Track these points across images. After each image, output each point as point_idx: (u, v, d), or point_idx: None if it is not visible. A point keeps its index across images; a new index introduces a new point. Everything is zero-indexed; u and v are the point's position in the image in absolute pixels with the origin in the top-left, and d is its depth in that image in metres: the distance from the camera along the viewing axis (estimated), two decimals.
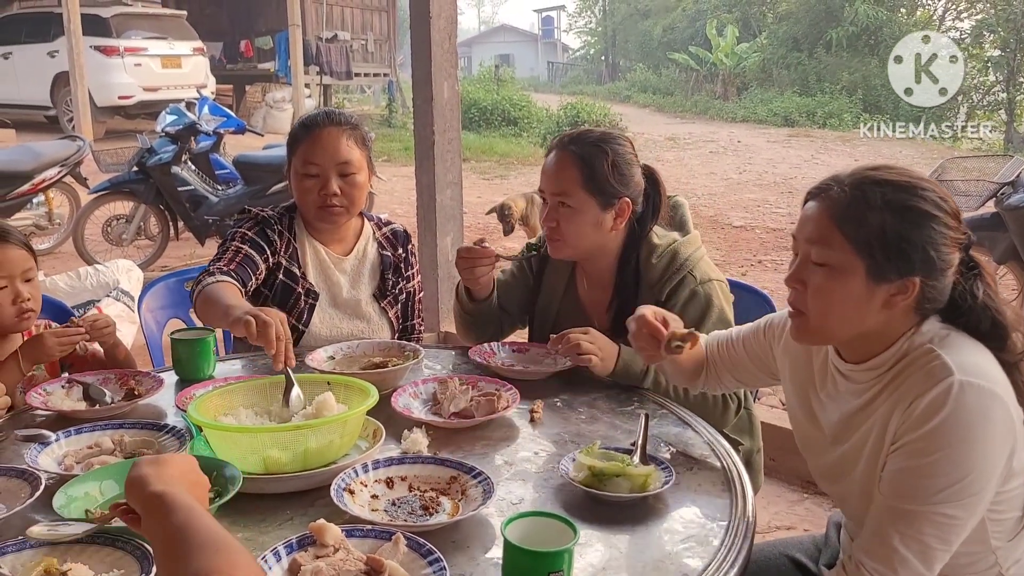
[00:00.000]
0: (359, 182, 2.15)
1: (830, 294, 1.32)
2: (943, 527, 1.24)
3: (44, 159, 6.49)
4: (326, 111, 2.21)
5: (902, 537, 1.25)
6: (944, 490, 1.22)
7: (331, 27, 17.80)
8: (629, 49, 33.78)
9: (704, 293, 1.92)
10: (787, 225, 8.57)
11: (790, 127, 18.20)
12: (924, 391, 1.25)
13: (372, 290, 2.27)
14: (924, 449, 1.24)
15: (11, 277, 1.92)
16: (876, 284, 1.29)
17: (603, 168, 1.92)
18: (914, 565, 1.25)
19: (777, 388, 4.15)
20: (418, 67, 4.23)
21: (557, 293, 2.16)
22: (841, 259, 1.29)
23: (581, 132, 2.00)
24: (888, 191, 1.28)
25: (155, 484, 0.96)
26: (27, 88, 13.59)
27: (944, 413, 1.22)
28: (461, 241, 4.58)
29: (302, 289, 2.17)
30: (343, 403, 1.53)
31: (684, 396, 1.87)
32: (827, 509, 3.07)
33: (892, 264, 1.27)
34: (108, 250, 6.59)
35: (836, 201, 1.31)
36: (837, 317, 1.33)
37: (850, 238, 1.28)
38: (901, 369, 1.32)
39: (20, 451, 1.50)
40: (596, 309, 2.09)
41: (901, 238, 1.26)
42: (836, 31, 20.91)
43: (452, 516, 1.29)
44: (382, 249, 2.31)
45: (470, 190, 8.90)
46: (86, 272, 4.29)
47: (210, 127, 6.91)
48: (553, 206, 1.98)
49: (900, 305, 1.30)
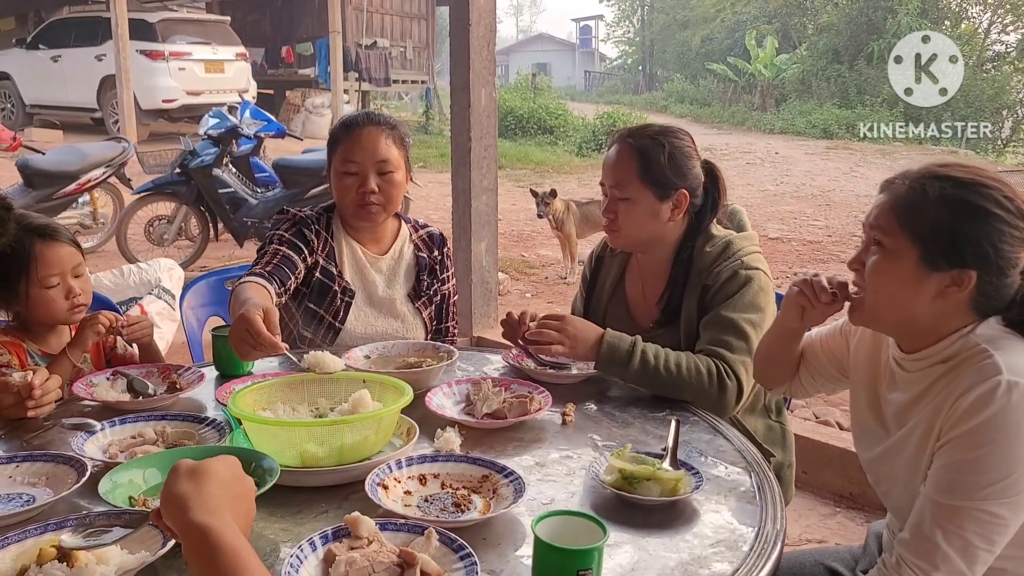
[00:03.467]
0: (397, 181, 2.19)
1: (883, 275, 1.38)
2: (986, 525, 1.24)
3: (90, 160, 6.66)
4: (366, 112, 2.26)
5: (944, 533, 1.26)
6: (988, 487, 1.24)
7: (371, 34, 17.99)
8: (667, 59, 33.69)
9: (746, 275, 1.93)
10: (824, 238, 8.48)
11: (828, 139, 18.01)
12: (970, 387, 1.27)
13: (407, 290, 2.31)
14: (968, 444, 1.26)
15: (63, 274, 1.99)
16: (928, 272, 1.33)
17: (660, 159, 1.96)
18: (956, 562, 1.26)
19: (811, 400, 4.11)
20: (456, 74, 4.27)
21: (607, 293, 2.19)
22: (895, 244, 1.35)
23: (641, 126, 2.05)
24: (947, 186, 1.33)
25: (197, 511, 0.93)
26: (75, 90, 13.92)
27: (990, 411, 1.24)
28: (495, 247, 4.62)
29: (338, 287, 2.21)
30: (378, 401, 1.56)
31: (676, 372, 1.81)
32: (860, 523, 3.04)
33: (944, 255, 1.31)
34: (150, 250, 6.72)
35: (898, 193, 1.37)
36: (888, 298, 1.38)
37: (905, 226, 1.34)
38: (954, 366, 1.34)
39: (67, 439, 1.55)
40: (643, 303, 2.11)
41: (954, 231, 1.30)
42: (878, 43, 20.66)
43: (484, 513, 1.31)
44: (418, 251, 2.35)
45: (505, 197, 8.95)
46: (129, 270, 4.38)
47: (251, 131, 7.02)
48: (612, 198, 2.02)
49: (954, 297, 1.34)
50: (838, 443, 3.28)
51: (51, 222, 2.07)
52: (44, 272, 1.96)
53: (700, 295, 1.96)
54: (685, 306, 1.99)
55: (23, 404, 1.63)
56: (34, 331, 2.03)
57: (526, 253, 7.94)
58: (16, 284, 1.95)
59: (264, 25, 19.03)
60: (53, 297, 1.97)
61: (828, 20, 23.56)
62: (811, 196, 11.08)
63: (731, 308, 1.89)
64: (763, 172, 13.33)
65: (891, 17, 20.53)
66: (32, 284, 1.95)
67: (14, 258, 1.95)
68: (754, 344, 1.87)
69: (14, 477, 1.42)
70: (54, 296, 1.97)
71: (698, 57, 29.08)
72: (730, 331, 1.87)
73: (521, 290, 6.58)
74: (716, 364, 1.83)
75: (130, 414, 1.67)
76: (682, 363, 1.83)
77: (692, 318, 1.98)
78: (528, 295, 6.39)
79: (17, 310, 2.01)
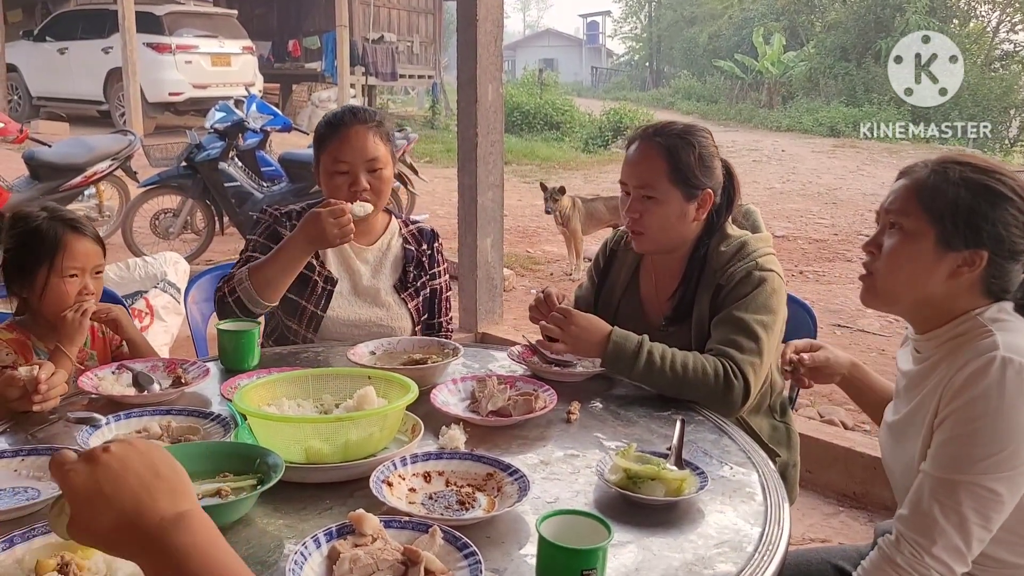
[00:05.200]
0: (386, 176, 2.24)
1: (899, 255, 1.42)
2: (982, 500, 1.27)
3: (96, 152, 6.66)
4: (350, 108, 2.28)
5: (941, 507, 1.29)
6: (983, 460, 1.27)
7: (378, 28, 17.97)
8: (674, 56, 33.62)
9: (759, 276, 1.92)
10: (830, 236, 8.46)
11: (835, 137, 17.95)
12: (967, 363, 1.31)
13: (393, 281, 2.34)
14: (963, 418, 1.29)
15: (84, 269, 2.01)
16: (944, 251, 1.37)
17: (689, 160, 1.94)
18: (951, 537, 1.28)
19: (816, 399, 4.11)
20: (463, 69, 4.27)
21: (619, 288, 2.17)
22: (914, 225, 1.40)
23: (664, 124, 2.02)
24: (967, 170, 1.38)
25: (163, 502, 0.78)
26: (81, 83, 13.93)
27: (983, 385, 1.28)
28: (501, 243, 4.61)
29: (318, 277, 2.25)
30: (383, 397, 1.56)
31: (682, 373, 1.80)
32: (864, 523, 3.03)
33: (960, 234, 1.36)
34: (155, 243, 6.73)
35: (919, 176, 1.42)
36: (903, 278, 1.42)
37: (925, 207, 1.39)
38: (959, 344, 1.38)
39: (72, 433, 1.56)
40: (656, 300, 2.10)
41: (972, 211, 1.35)
42: (886, 41, 20.59)
43: (488, 512, 1.30)
44: (406, 244, 2.39)
45: (511, 193, 8.95)
46: (135, 263, 4.38)
47: (257, 125, 7.03)
48: (636, 198, 1.97)
49: (966, 277, 1.38)
50: (842, 443, 3.27)
51: (77, 216, 2.09)
52: (68, 263, 1.98)
53: (713, 294, 1.95)
54: (697, 305, 1.98)
55: (29, 398, 1.64)
56: (41, 326, 2.04)
57: (531, 249, 7.93)
58: (36, 270, 1.97)
59: (271, 19, 19.03)
60: (68, 290, 1.98)
61: (836, 18, 23.48)
62: (817, 194, 11.05)
63: (743, 308, 1.88)
64: (770, 170, 13.30)
65: (899, 15, 20.47)
66: (53, 272, 1.97)
67: (41, 244, 1.97)
68: (764, 345, 1.86)
69: (19, 471, 1.43)
70: (69, 289, 1.98)
71: (705, 54, 29.01)
72: (741, 332, 1.86)
73: (527, 286, 6.58)
74: (724, 364, 1.82)
75: (135, 408, 1.67)
76: (689, 363, 1.82)
77: (704, 317, 1.97)
78: (533, 291, 6.39)
79: (26, 297, 2.02)
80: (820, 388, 4.34)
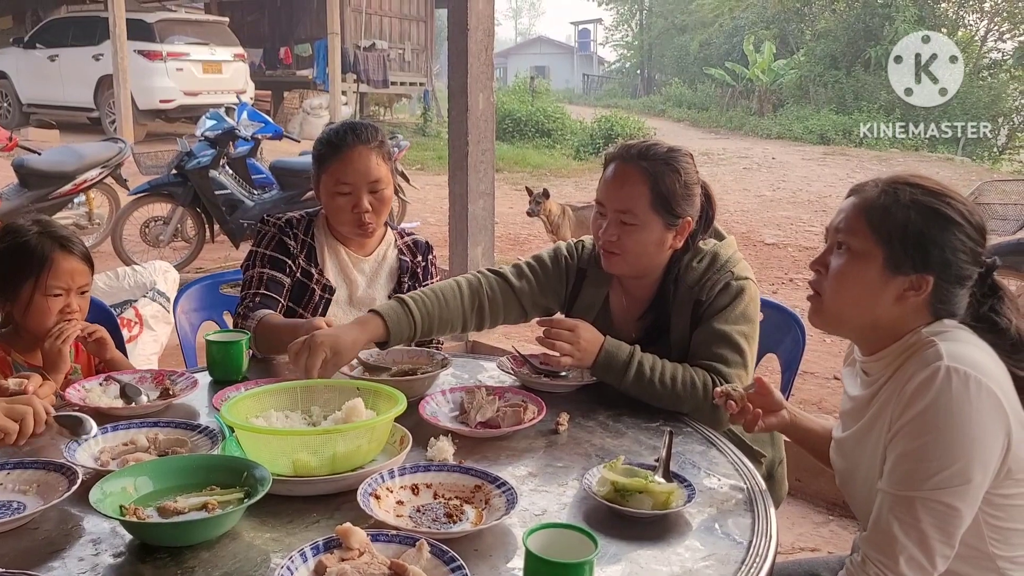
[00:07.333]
0: (387, 196, 2.26)
1: (846, 277, 1.41)
2: (940, 516, 1.26)
3: (86, 160, 6.64)
4: (351, 127, 2.24)
5: (901, 524, 1.28)
6: (936, 475, 1.26)
7: (369, 36, 18.00)
8: (665, 63, 33.74)
9: (737, 287, 1.91)
10: (819, 244, 8.48)
11: (825, 145, 18.05)
12: (913, 375, 1.31)
13: (388, 291, 2.35)
14: (913, 432, 1.29)
15: (68, 290, 1.99)
16: (892, 275, 1.37)
17: (673, 187, 1.87)
18: (915, 554, 1.27)
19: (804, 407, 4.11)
20: (454, 78, 4.28)
21: (594, 308, 2.08)
22: (862, 246, 1.39)
23: (648, 145, 1.91)
24: (918, 193, 1.37)
25: None
26: (72, 90, 13.91)
27: (929, 397, 1.27)
28: (492, 251, 4.61)
29: (317, 286, 2.26)
30: (372, 409, 1.55)
31: (671, 386, 1.80)
32: (854, 531, 3.04)
33: (909, 257, 1.35)
34: (145, 251, 6.71)
35: (868, 196, 1.40)
36: (850, 300, 1.41)
37: (874, 228, 1.37)
38: (904, 359, 1.37)
39: (58, 446, 1.55)
40: (626, 321, 2.06)
41: (921, 234, 1.35)
42: (875, 50, 20.72)
43: (475, 525, 1.30)
44: (401, 255, 2.40)
45: (502, 201, 8.95)
46: (124, 272, 4.37)
47: (248, 132, 7.03)
48: (614, 220, 1.90)
49: (912, 301, 1.37)
50: None
51: (67, 232, 2.07)
52: (53, 281, 1.97)
53: (693, 308, 1.93)
54: (674, 323, 1.96)
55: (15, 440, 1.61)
56: (24, 339, 2.03)
57: (522, 257, 7.91)
58: (22, 285, 1.96)
59: (262, 26, 19.04)
60: (51, 308, 1.97)
61: (826, 26, 23.61)
62: (807, 202, 11.10)
63: (724, 320, 1.88)
64: (760, 177, 13.36)
65: (888, 24, 20.58)
66: (38, 289, 1.96)
67: (29, 259, 1.96)
68: (748, 356, 1.87)
69: (5, 484, 1.41)
70: (52, 307, 1.97)
71: (696, 61, 29.12)
72: (725, 344, 1.86)
73: None
74: (712, 378, 1.82)
75: (122, 420, 1.66)
76: (678, 376, 1.82)
77: (684, 334, 1.95)
78: None
79: (10, 311, 2.01)
80: (809, 396, 4.35)
